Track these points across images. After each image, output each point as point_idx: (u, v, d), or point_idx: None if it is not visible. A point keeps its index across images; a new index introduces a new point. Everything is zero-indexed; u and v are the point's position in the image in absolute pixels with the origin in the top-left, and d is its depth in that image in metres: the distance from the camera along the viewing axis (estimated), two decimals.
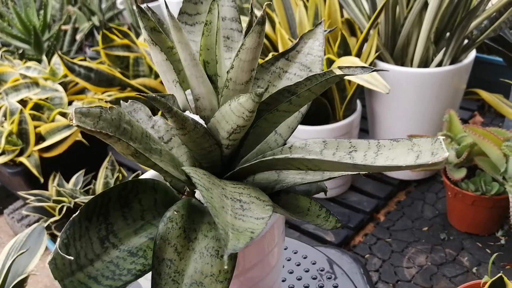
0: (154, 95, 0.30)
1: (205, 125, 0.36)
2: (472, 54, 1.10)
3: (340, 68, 0.32)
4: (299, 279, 0.62)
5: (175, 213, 0.35)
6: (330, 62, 0.99)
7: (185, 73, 0.36)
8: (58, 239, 0.30)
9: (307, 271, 0.63)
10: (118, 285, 0.31)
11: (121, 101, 0.41)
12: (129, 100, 0.41)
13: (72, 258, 0.30)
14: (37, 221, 1.12)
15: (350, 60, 0.87)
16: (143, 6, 0.40)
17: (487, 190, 0.97)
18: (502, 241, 1.03)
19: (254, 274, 0.43)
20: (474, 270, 0.97)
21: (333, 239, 1.07)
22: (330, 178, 0.39)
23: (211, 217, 0.37)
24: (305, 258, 0.65)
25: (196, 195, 0.41)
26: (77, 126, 0.28)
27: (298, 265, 0.64)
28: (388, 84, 0.93)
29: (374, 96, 1.13)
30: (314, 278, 0.62)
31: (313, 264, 0.64)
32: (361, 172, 0.35)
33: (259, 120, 0.36)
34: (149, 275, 0.33)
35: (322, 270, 0.63)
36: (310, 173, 0.41)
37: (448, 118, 1.04)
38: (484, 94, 1.16)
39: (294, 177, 0.41)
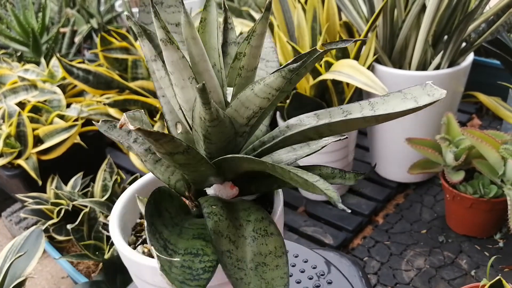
0: (203, 86, 0.30)
1: None
2: (470, 57, 1.10)
3: (323, 44, 0.35)
4: (298, 282, 0.62)
5: (214, 207, 0.36)
6: (328, 65, 0.99)
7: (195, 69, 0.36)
8: (152, 248, 0.31)
9: (303, 272, 0.63)
10: (204, 284, 0.33)
11: (94, 122, 0.41)
12: (100, 120, 0.41)
13: (178, 259, 0.32)
14: (35, 223, 1.12)
15: (348, 63, 0.88)
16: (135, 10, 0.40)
17: (485, 193, 0.97)
18: (501, 244, 1.03)
19: None
20: (472, 273, 0.97)
21: (331, 241, 1.07)
22: (317, 150, 0.41)
23: (243, 203, 0.39)
24: (303, 260, 0.65)
25: (209, 192, 0.41)
26: (138, 129, 0.29)
27: (293, 266, 0.64)
28: (386, 87, 0.94)
29: (374, 97, 1.13)
30: (311, 278, 0.62)
31: (310, 264, 0.64)
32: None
33: None
34: None
35: (318, 270, 0.63)
36: (297, 148, 0.42)
37: (446, 121, 1.04)
38: (482, 97, 1.16)
39: (287, 155, 0.42)
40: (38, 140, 1.10)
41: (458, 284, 0.95)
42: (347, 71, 0.85)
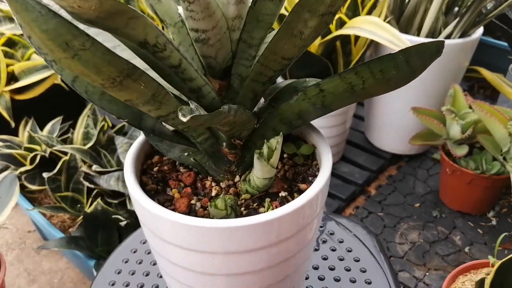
0: None
1: None
2: (480, 30, 1.06)
3: None
4: (316, 250, 0.56)
5: None
6: (340, 22, 0.92)
7: None
8: None
9: (325, 242, 0.58)
10: None
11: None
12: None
13: None
14: (5, 170, 1.01)
15: (369, 20, 0.81)
16: None
17: (487, 169, 0.95)
18: (494, 222, 1.02)
19: (287, 247, 0.37)
20: (466, 249, 0.95)
21: (324, 209, 1.02)
22: None
23: None
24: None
25: None
26: None
27: None
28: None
29: None
30: (333, 250, 0.57)
31: (326, 230, 0.59)
32: None
33: None
34: None
35: (337, 237, 0.58)
36: None
37: (453, 92, 1.00)
38: (485, 73, 1.13)
39: None
40: (12, 78, 0.98)
41: (452, 260, 0.93)
42: (369, 28, 0.78)
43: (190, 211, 0.39)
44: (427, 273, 0.90)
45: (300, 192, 0.40)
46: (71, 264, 1.00)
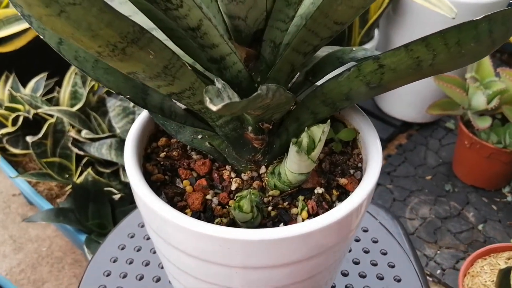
0: None
1: None
2: None
3: None
4: None
5: None
6: None
7: None
8: None
9: None
10: None
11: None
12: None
13: None
14: None
15: None
16: None
17: (510, 144, 0.88)
18: (509, 198, 0.96)
19: (323, 260, 0.31)
20: (480, 227, 0.90)
21: None
22: None
23: None
24: None
25: None
26: None
27: None
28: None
29: (393, 26, 0.99)
30: (357, 241, 0.50)
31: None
32: None
33: None
34: None
35: (361, 228, 0.52)
36: None
37: None
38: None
39: None
40: None
41: (464, 238, 0.88)
42: None
43: (206, 209, 0.32)
44: (438, 251, 0.86)
45: (339, 188, 0.33)
46: (60, 232, 0.94)
